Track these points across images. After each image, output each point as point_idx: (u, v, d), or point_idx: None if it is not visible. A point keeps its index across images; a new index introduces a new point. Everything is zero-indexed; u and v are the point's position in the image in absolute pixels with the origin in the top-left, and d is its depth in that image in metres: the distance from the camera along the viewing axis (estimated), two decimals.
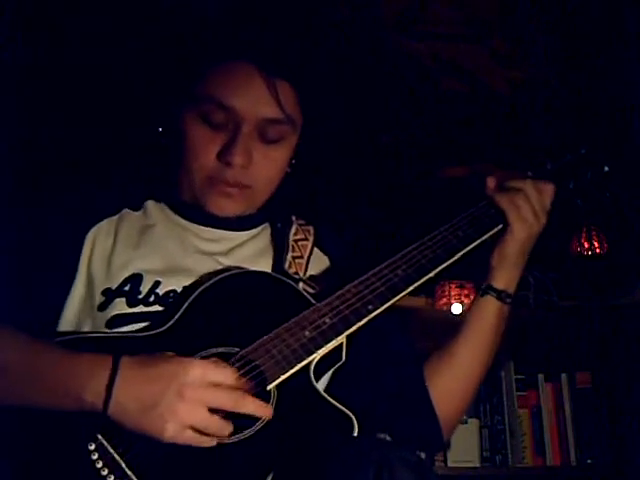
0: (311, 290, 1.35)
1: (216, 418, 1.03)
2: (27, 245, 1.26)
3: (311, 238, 1.44)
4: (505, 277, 1.35)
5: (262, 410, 1.07)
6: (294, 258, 1.39)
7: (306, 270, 1.40)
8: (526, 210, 1.32)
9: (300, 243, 1.42)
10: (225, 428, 1.04)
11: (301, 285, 1.35)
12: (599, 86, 2.35)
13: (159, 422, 1.00)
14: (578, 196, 1.45)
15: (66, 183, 1.40)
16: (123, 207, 1.35)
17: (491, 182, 1.38)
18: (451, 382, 1.36)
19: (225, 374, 1.07)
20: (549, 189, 1.36)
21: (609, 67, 2.28)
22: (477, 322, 1.36)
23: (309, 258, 1.41)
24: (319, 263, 1.43)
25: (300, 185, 1.44)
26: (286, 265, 1.36)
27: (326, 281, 1.39)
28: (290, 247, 1.40)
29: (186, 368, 1.03)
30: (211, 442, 1.04)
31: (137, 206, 1.37)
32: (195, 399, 1.01)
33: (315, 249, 1.44)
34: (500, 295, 1.34)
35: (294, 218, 1.46)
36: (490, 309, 1.35)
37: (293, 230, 1.43)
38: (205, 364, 1.05)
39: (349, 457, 1.00)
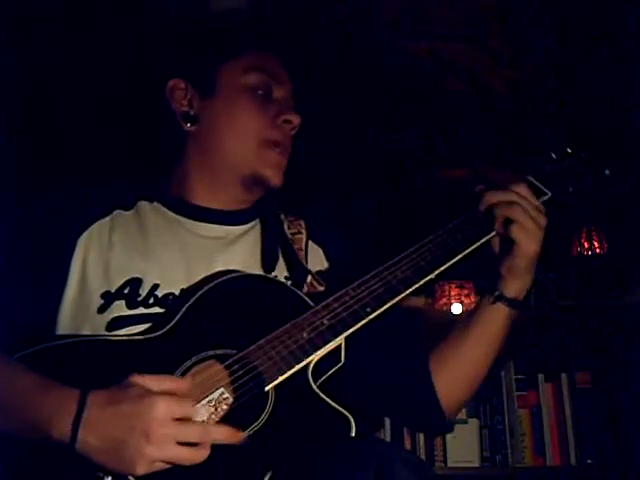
0: (319, 286, 1.36)
1: (185, 450, 1.03)
2: (17, 249, 1.26)
3: (304, 231, 1.45)
4: (516, 286, 1.34)
5: (231, 436, 1.07)
6: (298, 250, 1.41)
7: (306, 263, 1.40)
8: (525, 219, 1.29)
9: (296, 237, 1.43)
10: (197, 455, 1.03)
11: (309, 278, 1.36)
12: (599, 86, 2.35)
13: (128, 462, 1.00)
14: (578, 199, 1.44)
15: (55, 184, 1.39)
16: (114, 208, 1.35)
17: (486, 201, 1.32)
18: (456, 376, 1.38)
19: (190, 407, 1.06)
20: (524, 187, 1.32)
21: (609, 67, 2.28)
22: (487, 327, 1.36)
23: (306, 251, 1.43)
24: (315, 256, 1.44)
25: (294, 184, 1.44)
26: (300, 258, 1.38)
27: (326, 277, 1.40)
28: (291, 241, 1.41)
29: (151, 406, 1.01)
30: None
31: (129, 206, 1.36)
32: (161, 437, 1.01)
33: (310, 242, 1.45)
34: (511, 303, 1.34)
35: (283, 216, 1.47)
36: (500, 316, 1.35)
37: (285, 226, 1.45)
38: (169, 400, 1.03)
39: (350, 457, 1.00)
